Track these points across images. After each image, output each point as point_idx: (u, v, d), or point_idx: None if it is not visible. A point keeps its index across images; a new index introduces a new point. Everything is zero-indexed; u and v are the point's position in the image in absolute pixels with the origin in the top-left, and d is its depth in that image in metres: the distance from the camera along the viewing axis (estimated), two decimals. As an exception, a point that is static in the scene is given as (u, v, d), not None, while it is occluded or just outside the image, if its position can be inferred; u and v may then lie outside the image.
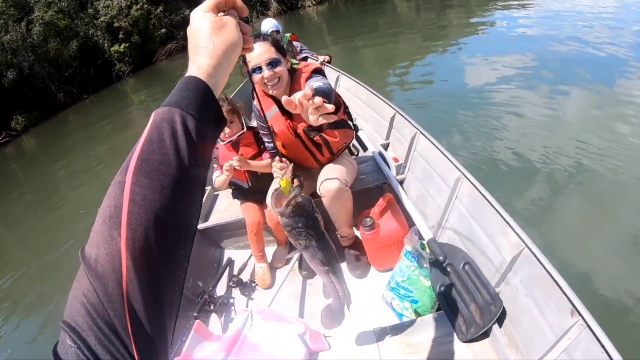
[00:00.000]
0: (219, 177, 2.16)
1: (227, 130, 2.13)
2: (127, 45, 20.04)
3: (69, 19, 18.69)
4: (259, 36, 1.74)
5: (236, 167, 2.01)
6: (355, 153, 2.77)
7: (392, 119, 2.65)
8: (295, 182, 1.67)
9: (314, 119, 0.89)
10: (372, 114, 3.02)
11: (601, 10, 11.25)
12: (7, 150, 13.83)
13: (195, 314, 1.92)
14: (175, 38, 22.73)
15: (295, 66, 1.87)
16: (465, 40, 9.43)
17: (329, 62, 4.14)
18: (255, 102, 1.88)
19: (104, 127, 9.97)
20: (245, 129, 2.19)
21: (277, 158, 1.66)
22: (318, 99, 0.86)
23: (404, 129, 2.49)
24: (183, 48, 22.84)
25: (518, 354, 1.32)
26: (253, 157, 2.16)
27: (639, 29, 8.01)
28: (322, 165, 1.99)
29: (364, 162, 2.45)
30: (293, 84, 1.78)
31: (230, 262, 2.44)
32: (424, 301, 1.65)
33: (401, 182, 2.23)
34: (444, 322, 1.55)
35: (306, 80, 1.73)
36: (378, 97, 2.95)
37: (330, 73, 3.91)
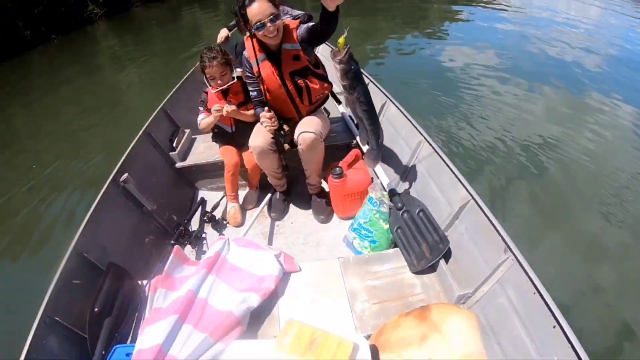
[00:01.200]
0: (205, 118, 2.34)
1: (219, 81, 2.28)
2: (101, -16, 18.84)
3: None
4: None
5: (224, 114, 2.20)
6: (328, 113, 2.96)
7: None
8: (285, 127, 1.87)
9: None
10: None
11: (583, 21, 11.78)
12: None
13: (172, 242, 2.08)
14: (154, -16, 21.67)
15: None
16: (443, 27, 9.72)
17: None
18: (246, 53, 2.05)
19: (70, 72, 9.42)
20: (235, 79, 2.34)
21: (266, 108, 1.92)
22: None
23: (375, 97, 2.68)
24: (161, -2, 21.88)
25: (459, 285, 1.57)
26: (239, 105, 2.32)
27: (613, 43, 8.60)
28: (300, 116, 2.17)
29: (336, 123, 2.69)
30: (285, 36, 1.95)
31: (203, 201, 2.59)
32: (382, 241, 1.89)
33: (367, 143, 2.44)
34: (399, 256, 1.80)
35: (296, 30, 1.95)
36: None
37: None
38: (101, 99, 7.08)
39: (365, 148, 2.09)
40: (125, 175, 2.07)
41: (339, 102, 2.46)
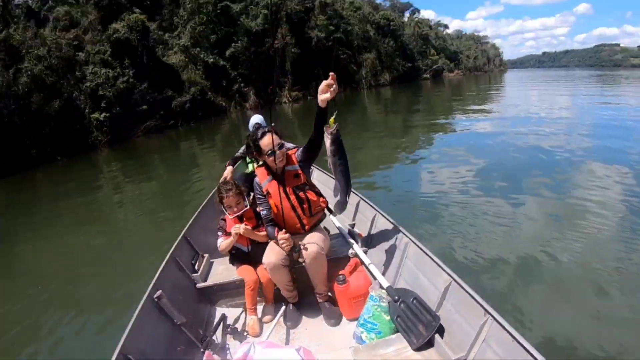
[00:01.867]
0: (224, 241, 2.81)
1: (235, 209, 2.79)
2: (107, 115, 20.31)
3: (56, 77, 18.75)
4: (265, 129, 2.52)
5: (242, 233, 2.66)
6: (328, 231, 3.45)
7: (357, 204, 3.52)
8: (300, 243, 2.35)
9: (328, 95, 2.16)
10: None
11: (554, 116, 13.27)
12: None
13: (202, 350, 2.36)
14: (155, 117, 23.52)
15: None
16: (426, 140, 10.79)
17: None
18: (257, 179, 2.65)
19: (71, 194, 9.94)
20: (248, 205, 2.85)
21: (283, 230, 2.47)
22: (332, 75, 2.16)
23: (366, 211, 3.36)
24: (161, 128, 23.68)
25: (454, 352, 1.92)
26: (253, 229, 2.79)
27: (587, 132, 9.78)
28: (303, 227, 2.66)
29: (335, 238, 3.15)
30: (287, 160, 2.57)
31: (224, 317, 2.81)
32: (386, 331, 2.23)
33: (365, 252, 2.89)
34: (401, 339, 2.14)
35: (294, 155, 2.59)
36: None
37: None
38: (99, 215, 7.68)
39: (336, 200, 2.64)
40: (160, 292, 2.41)
41: (332, 213, 2.95)
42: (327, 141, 2.30)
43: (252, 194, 2.84)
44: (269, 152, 2.44)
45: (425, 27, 73.03)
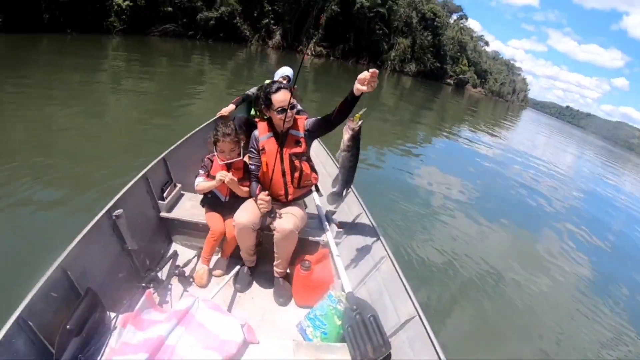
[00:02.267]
0: (203, 182, 2.62)
1: (227, 156, 2.60)
2: (130, 3, 19.50)
3: None
4: (281, 84, 2.37)
5: (226, 182, 2.48)
6: (306, 206, 3.33)
7: (346, 194, 3.25)
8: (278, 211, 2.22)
9: (366, 88, 2.00)
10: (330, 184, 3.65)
11: (556, 164, 13.46)
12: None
13: (143, 284, 2.26)
14: (177, 22, 22.69)
15: None
16: (429, 141, 10.69)
17: None
18: (256, 132, 2.49)
19: (71, 69, 9.67)
20: (242, 156, 2.67)
21: (265, 192, 2.33)
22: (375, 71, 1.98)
23: (352, 205, 3.16)
24: (180, 35, 22.88)
25: None
26: (238, 180, 2.60)
27: (580, 194, 10.00)
28: (287, 195, 2.54)
29: (312, 218, 2.97)
30: (293, 124, 2.42)
31: (176, 254, 2.76)
32: (332, 335, 2.16)
33: (337, 244, 2.77)
34: (345, 351, 2.05)
35: (303, 122, 2.44)
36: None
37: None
38: (90, 102, 7.35)
39: (331, 190, 2.51)
40: (120, 210, 2.26)
41: (318, 192, 2.82)
42: (346, 135, 2.17)
43: (243, 143, 2.69)
44: (280, 109, 2.29)
45: (467, 36, 71.59)
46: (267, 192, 2.35)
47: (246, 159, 2.67)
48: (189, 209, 2.93)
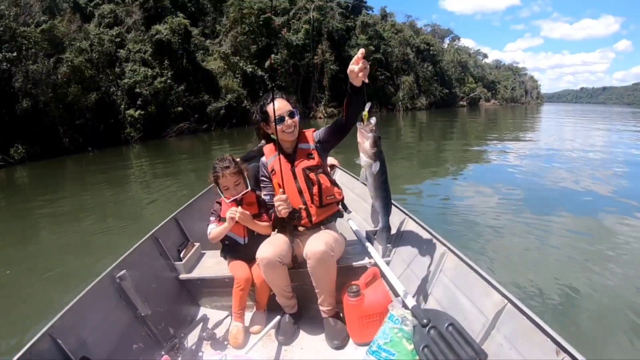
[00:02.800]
0: (216, 227, 2.26)
1: (233, 191, 2.26)
2: (142, 112, 20.67)
3: (95, 71, 19.32)
4: (276, 94, 2.10)
5: (238, 219, 2.13)
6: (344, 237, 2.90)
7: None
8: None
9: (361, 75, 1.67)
10: (364, 205, 3.24)
11: (587, 149, 12.75)
12: (-3, 174, 13.79)
13: (163, 353, 1.86)
14: (189, 119, 23.78)
15: None
16: (458, 163, 10.26)
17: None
18: (264, 158, 2.24)
19: (99, 183, 10.05)
20: (249, 188, 2.32)
21: (281, 190, 1.97)
22: (362, 51, 1.65)
23: (393, 216, 2.64)
24: (194, 130, 23.91)
25: None
26: (253, 217, 2.25)
27: (621, 169, 9.17)
28: (310, 219, 2.17)
29: (352, 245, 2.57)
30: (300, 137, 2.18)
31: (205, 319, 2.38)
32: (405, 364, 1.61)
33: (387, 263, 2.31)
34: None
35: (312, 134, 2.19)
36: None
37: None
38: (120, 208, 7.42)
39: (376, 229, 2.06)
40: (123, 272, 1.95)
41: (347, 211, 2.42)
42: (366, 143, 1.73)
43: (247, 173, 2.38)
44: (278, 118, 2.02)
45: (464, 55, 72.41)
46: (282, 191, 2.00)
47: (262, 194, 2.34)
48: (212, 265, 2.57)
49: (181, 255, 2.53)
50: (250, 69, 29.04)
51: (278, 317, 2.20)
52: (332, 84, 35.43)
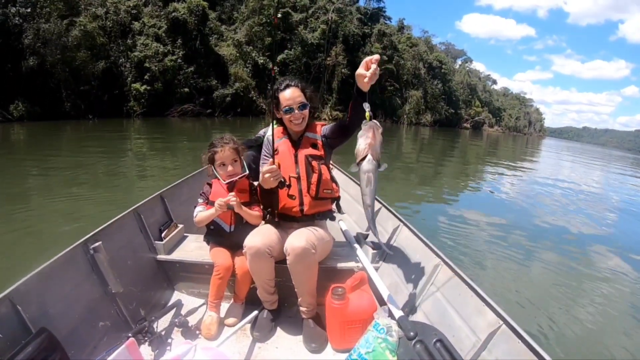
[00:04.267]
0: (203, 211, 2.15)
1: (229, 168, 2.16)
2: (148, 88, 20.59)
3: (107, 40, 19.20)
4: (291, 82, 2.08)
5: (230, 206, 2.03)
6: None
7: (377, 212, 2.74)
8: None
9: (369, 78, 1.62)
10: (357, 207, 3.16)
11: (583, 185, 12.83)
12: (-7, 130, 13.64)
13: (129, 335, 1.74)
14: (194, 101, 23.63)
15: None
16: (455, 187, 10.21)
17: None
18: (269, 136, 2.11)
19: (94, 153, 9.91)
20: (247, 171, 2.22)
21: (270, 160, 2.00)
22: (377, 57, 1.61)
23: (387, 221, 2.63)
24: (198, 114, 23.77)
25: None
26: (243, 204, 2.14)
27: (612, 210, 9.21)
28: (301, 211, 2.10)
29: (340, 246, 2.47)
30: (308, 127, 2.15)
31: (179, 304, 2.25)
32: (386, 379, 1.51)
33: (376, 269, 2.22)
34: None
35: (321, 127, 2.17)
36: None
37: None
38: (110, 179, 7.33)
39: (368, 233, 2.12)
40: (99, 243, 1.84)
41: (340, 212, 2.33)
42: (377, 140, 1.64)
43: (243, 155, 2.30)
44: (287, 108, 2.02)
45: (474, 78, 72.66)
46: (271, 161, 1.98)
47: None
48: (193, 250, 2.44)
49: (162, 235, 2.42)
50: (262, 61, 28.97)
51: (255, 312, 2.11)
52: (340, 87, 35.42)
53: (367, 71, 1.63)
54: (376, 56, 1.63)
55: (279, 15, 29.29)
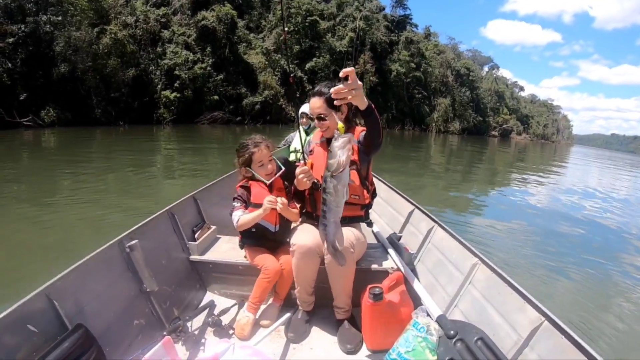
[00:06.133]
0: (245, 214, 2.12)
1: (269, 166, 2.16)
2: (178, 95, 21.00)
3: (137, 47, 19.74)
4: (317, 90, 2.09)
5: (279, 210, 2.05)
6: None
7: (410, 214, 2.75)
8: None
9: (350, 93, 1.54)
10: (389, 209, 3.14)
11: (614, 192, 12.40)
12: (25, 134, 14.04)
13: (164, 333, 1.76)
14: (223, 109, 23.99)
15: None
16: (485, 194, 10.03)
17: None
18: (310, 137, 2.29)
19: (124, 159, 10.13)
20: (283, 167, 2.23)
21: (302, 162, 2.11)
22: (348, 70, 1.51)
23: (420, 223, 2.59)
24: (227, 121, 24.12)
25: None
26: None
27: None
28: None
29: (373, 248, 2.44)
30: (349, 131, 2.05)
31: (212, 305, 2.25)
32: (427, 379, 1.48)
33: (411, 270, 2.18)
34: None
35: (360, 133, 2.08)
36: (398, 193, 3.11)
37: None
38: (140, 185, 7.43)
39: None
40: (135, 242, 1.86)
41: (367, 217, 2.30)
42: (346, 148, 1.68)
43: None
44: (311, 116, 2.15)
45: (502, 85, 71.23)
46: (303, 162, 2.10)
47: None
48: (226, 251, 2.46)
49: (195, 235, 2.45)
50: (291, 69, 29.20)
51: (289, 314, 2.09)
52: (369, 94, 35.37)
53: (346, 96, 1.58)
54: (350, 69, 1.53)
55: (306, 24, 29.61)
